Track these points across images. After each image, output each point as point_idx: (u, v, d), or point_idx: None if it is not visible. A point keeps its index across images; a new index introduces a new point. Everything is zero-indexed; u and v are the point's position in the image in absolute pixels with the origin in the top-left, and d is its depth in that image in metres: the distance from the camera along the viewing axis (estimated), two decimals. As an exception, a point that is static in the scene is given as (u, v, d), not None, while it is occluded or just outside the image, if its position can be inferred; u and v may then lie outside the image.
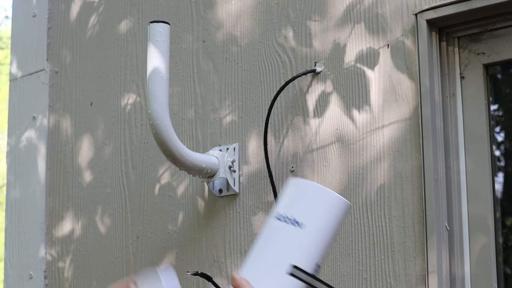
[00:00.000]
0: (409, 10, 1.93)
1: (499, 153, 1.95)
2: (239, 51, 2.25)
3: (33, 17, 2.84)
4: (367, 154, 1.95)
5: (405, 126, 1.90)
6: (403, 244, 1.86)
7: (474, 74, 1.91)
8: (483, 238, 1.84)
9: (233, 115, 2.22)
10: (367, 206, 1.93)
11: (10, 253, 2.74)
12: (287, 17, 2.16)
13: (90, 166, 2.57)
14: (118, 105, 2.52)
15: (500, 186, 1.92)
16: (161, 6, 2.47)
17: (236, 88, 2.24)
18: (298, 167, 2.07)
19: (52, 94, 2.73)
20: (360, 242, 1.94)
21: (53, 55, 2.76)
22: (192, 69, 2.35)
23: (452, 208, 1.87)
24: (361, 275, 1.92)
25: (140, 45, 2.50)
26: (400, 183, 1.89)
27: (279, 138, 2.12)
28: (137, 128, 2.45)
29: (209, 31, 2.33)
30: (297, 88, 2.10)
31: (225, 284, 2.14)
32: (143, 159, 2.42)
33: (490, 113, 1.91)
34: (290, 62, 2.13)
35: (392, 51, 1.95)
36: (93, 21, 2.67)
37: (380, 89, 1.96)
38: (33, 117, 2.76)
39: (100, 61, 2.61)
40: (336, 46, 2.05)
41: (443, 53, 1.93)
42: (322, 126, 2.04)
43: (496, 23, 1.86)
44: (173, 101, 2.33)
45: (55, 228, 2.62)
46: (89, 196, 2.55)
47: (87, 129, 2.60)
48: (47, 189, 2.67)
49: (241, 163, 2.17)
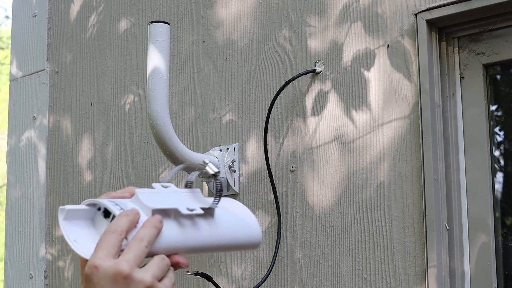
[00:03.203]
0: (409, 10, 1.93)
1: (498, 153, 1.95)
2: (239, 51, 2.25)
3: (33, 17, 2.84)
4: (367, 154, 1.95)
5: (405, 126, 1.90)
6: (403, 244, 1.86)
7: (474, 74, 1.91)
8: (483, 237, 1.84)
9: (233, 115, 2.23)
10: (367, 206, 1.94)
11: (10, 253, 2.74)
12: (287, 17, 2.16)
13: (90, 166, 2.57)
14: (118, 105, 2.52)
15: (500, 186, 1.92)
16: (161, 6, 2.48)
17: (236, 88, 2.24)
18: (298, 167, 2.07)
19: (52, 94, 2.73)
20: (360, 242, 1.94)
21: (53, 55, 2.76)
22: (192, 69, 2.35)
23: (452, 208, 1.87)
24: (361, 275, 1.92)
25: (140, 45, 2.50)
26: (400, 183, 1.89)
27: (279, 138, 2.12)
28: (137, 128, 2.46)
29: (209, 31, 2.33)
30: (297, 88, 2.10)
31: (225, 284, 2.15)
32: (143, 159, 2.42)
33: (490, 113, 1.91)
34: (290, 62, 2.14)
35: (392, 51, 1.95)
36: (93, 21, 2.67)
37: (380, 89, 1.96)
38: (33, 117, 2.76)
39: (100, 61, 2.61)
40: (336, 46, 2.05)
41: (443, 53, 1.93)
42: (322, 126, 2.05)
43: (496, 23, 1.86)
44: (173, 101, 2.33)
45: (55, 228, 2.62)
46: (89, 196, 2.55)
47: (87, 129, 2.60)
48: (47, 189, 2.67)
49: (241, 163, 2.17)
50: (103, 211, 0.91)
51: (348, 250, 1.95)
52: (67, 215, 0.89)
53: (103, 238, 0.86)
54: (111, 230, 0.86)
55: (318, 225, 2.01)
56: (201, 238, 0.95)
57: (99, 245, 0.86)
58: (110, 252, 0.85)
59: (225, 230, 0.99)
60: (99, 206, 0.91)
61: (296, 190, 2.07)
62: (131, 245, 0.86)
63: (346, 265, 1.95)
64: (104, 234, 0.87)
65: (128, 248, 0.86)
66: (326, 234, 2.00)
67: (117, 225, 0.87)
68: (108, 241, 0.86)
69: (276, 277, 2.06)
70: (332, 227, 1.99)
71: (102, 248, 0.85)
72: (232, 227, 1.00)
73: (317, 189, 2.03)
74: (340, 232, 1.97)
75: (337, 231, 1.98)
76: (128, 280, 0.84)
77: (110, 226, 0.87)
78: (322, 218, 2.01)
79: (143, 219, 0.90)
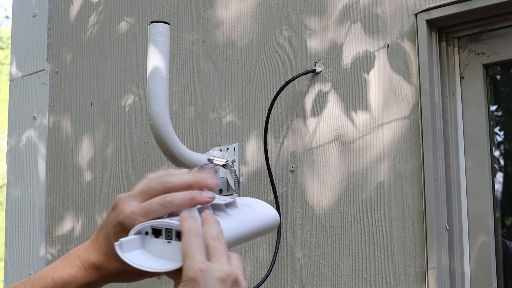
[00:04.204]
0: (409, 10, 1.93)
1: (498, 153, 1.95)
2: (239, 51, 2.25)
3: (33, 17, 2.84)
4: (367, 154, 1.95)
5: (405, 126, 1.90)
6: (403, 244, 1.86)
7: (474, 74, 1.91)
8: (483, 237, 1.84)
9: (233, 115, 2.23)
10: (367, 206, 1.94)
11: (10, 252, 2.74)
12: (287, 17, 2.16)
13: (90, 166, 2.57)
14: (118, 105, 2.52)
15: (500, 186, 1.92)
16: (161, 6, 2.48)
17: (236, 88, 2.24)
18: (298, 167, 2.07)
19: (52, 94, 2.73)
20: (360, 242, 1.94)
21: (53, 55, 2.76)
22: (192, 69, 2.35)
23: (452, 207, 1.87)
24: (361, 275, 1.92)
25: (140, 45, 2.50)
26: (400, 183, 1.89)
27: (279, 138, 2.12)
28: (137, 128, 2.46)
29: (209, 31, 2.33)
30: (297, 88, 2.10)
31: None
32: (143, 159, 2.42)
33: (489, 113, 1.91)
34: (290, 62, 2.14)
35: (392, 51, 1.95)
36: (93, 21, 2.67)
37: (380, 89, 1.96)
38: (33, 117, 2.76)
39: (100, 61, 2.61)
40: (336, 46, 2.05)
41: (443, 53, 1.93)
42: (322, 126, 2.04)
43: (496, 23, 1.86)
44: (173, 101, 2.33)
45: (55, 228, 2.62)
46: (89, 195, 2.55)
47: (87, 129, 2.60)
48: (47, 189, 2.67)
49: (241, 163, 2.17)
50: (152, 232, 0.90)
51: (348, 250, 1.95)
52: (125, 248, 0.89)
53: (190, 243, 0.86)
54: (192, 233, 0.87)
55: (318, 225, 2.01)
56: (240, 226, 0.96)
57: (191, 249, 0.86)
58: (203, 253, 0.86)
59: (253, 215, 0.99)
60: (146, 231, 0.91)
61: (296, 190, 2.07)
62: (217, 247, 0.87)
63: (346, 265, 1.95)
64: (187, 238, 0.87)
65: (215, 249, 0.87)
66: (326, 234, 2.00)
67: (193, 227, 0.87)
68: (197, 244, 0.86)
69: (276, 277, 2.06)
70: (332, 227, 1.99)
71: (197, 252, 0.86)
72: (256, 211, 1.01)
73: (317, 189, 2.03)
74: (340, 232, 1.97)
75: (337, 231, 1.98)
76: (235, 283, 0.85)
77: (189, 229, 0.87)
78: (322, 218, 2.01)
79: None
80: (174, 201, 0.91)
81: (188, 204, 0.91)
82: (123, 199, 0.93)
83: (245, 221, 0.97)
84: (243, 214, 0.98)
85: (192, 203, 0.91)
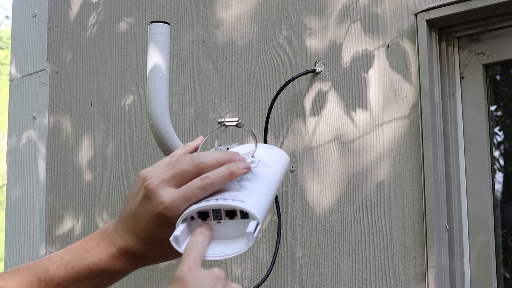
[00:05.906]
0: (409, 10, 1.93)
1: (498, 153, 1.95)
2: (239, 51, 2.25)
3: (33, 17, 2.84)
4: (367, 154, 1.96)
5: (405, 126, 1.90)
6: (403, 244, 1.86)
7: (474, 74, 1.91)
8: (483, 237, 1.84)
9: (233, 115, 2.22)
10: (367, 206, 1.94)
11: (10, 252, 2.74)
12: (287, 17, 2.16)
13: (90, 166, 2.57)
14: (118, 105, 2.53)
15: (500, 186, 1.92)
16: (161, 6, 2.48)
17: (236, 88, 2.24)
18: (298, 167, 2.07)
19: (52, 94, 2.73)
20: (360, 242, 1.94)
21: (53, 55, 2.76)
22: (192, 69, 2.35)
23: (452, 207, 1.87)
24: (361, 275, 1.92)
25: (140, 45, 2.50)
26: (400, 183, 1.89)
27: (279, 138, 2.12)
28: (137, 128, 2.46)
29: (209, 31, 2.33)
30: (297, 88, 2.10)
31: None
32: (143, 159, 2.42)
33: (489, 113, 1.91)
34: (290, 62, 2.14)
35: (392, 51, 1.95)
36: (93, 21, 2.67)
37: (380, 89, 1.96)
38: (33, 117, 2.76)
39: (100, 61, 2.61)
40: (336, 46, 2.05)
41: (443, 53, 1.93)
42: (322, 126, 2.05)
43: (496, 23, 1.86)
44: (173, 101, 2.33)
45: (55, 228, 2.63)
46: (89, 195, 2.55)
47: (87, 129, 2.60)
48: (47, 189, 2.67)
49: (241, 163, 2.17)
50: (198, 217, 0.88)
51: (348, 250, 1.95)
52: (181, 241, 0.87)
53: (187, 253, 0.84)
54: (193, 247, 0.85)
55: (318, 225, 2.01)
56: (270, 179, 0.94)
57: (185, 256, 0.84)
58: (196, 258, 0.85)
59: (272, 163, 0.97)
60: (191, 216, 0.88)
61: (296, 190, 2.07)
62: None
63: (346, 265, 1.95)
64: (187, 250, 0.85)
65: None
66: (326, 234, 2.00)
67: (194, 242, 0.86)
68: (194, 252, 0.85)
69: (276, 277, 2.07)
70: (332, 227, 1.99)
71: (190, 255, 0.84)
72: (272, 159, 0.98)
73: (317, 189, 2.03)
74: (340, 232, 1.97)
75: (337, 231, 1.98)
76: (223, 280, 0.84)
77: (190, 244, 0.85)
78: (322, 218, 2.01)
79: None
80: (215, 182, 0.89)
81: (228, 180, 0.89)
82: (156, 186, 0.90)
83: (268, 183, 0.94)
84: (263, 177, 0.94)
85: (232, 178, 0.89)
